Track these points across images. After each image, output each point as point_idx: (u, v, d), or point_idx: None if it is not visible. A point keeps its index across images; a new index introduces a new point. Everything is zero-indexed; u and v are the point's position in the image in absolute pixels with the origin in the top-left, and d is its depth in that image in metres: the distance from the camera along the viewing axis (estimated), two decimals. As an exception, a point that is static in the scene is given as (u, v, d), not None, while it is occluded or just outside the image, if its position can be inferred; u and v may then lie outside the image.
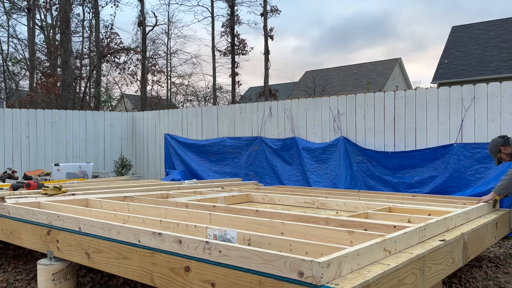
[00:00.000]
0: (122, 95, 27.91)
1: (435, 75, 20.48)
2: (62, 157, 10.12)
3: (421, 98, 7.00)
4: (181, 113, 10.37)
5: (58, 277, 3.44)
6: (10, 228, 4.02)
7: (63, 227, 3.41)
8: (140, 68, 25.44)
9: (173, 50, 31.61)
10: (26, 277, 4.14)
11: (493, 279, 3.96)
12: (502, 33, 21.31)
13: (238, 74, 26.67)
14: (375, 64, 33.42)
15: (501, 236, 4.25)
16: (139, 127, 11.19)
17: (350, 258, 2.16)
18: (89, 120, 10.67)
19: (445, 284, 3.74)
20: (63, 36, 15.04)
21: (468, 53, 21.01)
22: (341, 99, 7.83)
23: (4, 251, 5.11)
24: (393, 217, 3.63)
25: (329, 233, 2.89)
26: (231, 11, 26.04)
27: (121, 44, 24.66)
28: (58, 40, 21.99)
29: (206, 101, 31.55)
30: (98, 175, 8.73)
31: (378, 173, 7.20)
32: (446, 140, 6.73)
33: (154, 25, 27.02)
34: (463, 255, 3.21)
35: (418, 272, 2.53)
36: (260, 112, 8.91)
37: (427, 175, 6.78)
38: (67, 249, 3.37)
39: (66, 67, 14.86)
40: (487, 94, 6.43)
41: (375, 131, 7.40)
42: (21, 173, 8.57)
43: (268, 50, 24.79)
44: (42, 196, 4.83)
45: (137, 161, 11.15)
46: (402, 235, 2.65)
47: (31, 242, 3.75)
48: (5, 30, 26.25)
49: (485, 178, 6.25)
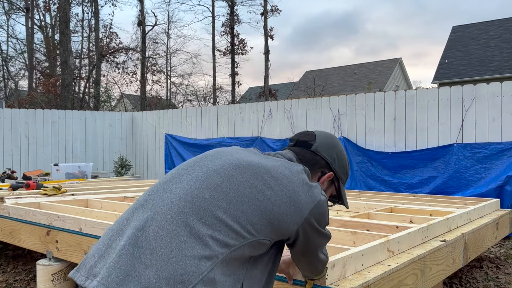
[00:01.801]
0: (122, 95, 27.89)
1: (435, 75, 20.48)
2: (62, 157, 10.10)
3: (422, 98, 6.99)
4: (181, 113, 10.35)
5: (57, 278, 3.43)
6: (9, 228, 4.00)
7: (64, 228, 3.39)
8: (139, 68, 25.43)
9: (173, 49, 31.58)
10: (25, 278, 4.12)
11: (494, 279, 3.95)
12: (502, 33, 21.32)
13: (238, 74, 26.67)
14: (376, 64, 33.43)
15: (502, 236, 4.24)
16: (139, 127, 11.17)
17: (355, 258, 2.15)
18: (88, 120, 10.65)
19: (446, 284, 3.73)
20: (62, 35, 15.02)
21: (468, 53, 21.01)
22: (341, 99, 7.82)
23: (3, 251, 5.09)
24: (395, 217, 3.61)
25: (332, 234, 2.87)
26: (231, 11, 26.04)
27: (121, 44, 24.64)
28: (57, 40, 21.97)
29: (206, 101, 31.55)
30: (98, 175, 8.71)
31: (378, 173, 7.19)
32: (447, 140, 6.72)
33: (154, 25, 27.01)
34: (463, 256, 3.20)
35: (418, 273, 2.52)
36: (260, 112, 8.89)
37: (427, 175, 6.77)
38: (66, 250, 3.36)
39: (65, 67, 14.83)
40: (488, 94, 6.42)
41: (376, 131, 7.39)
42: (21, 173, 8.55)
43: (268, 50, 24.79)
44: (42, 196, 4.81)
45: (136, 161, 11.14)
46: (405, 236, 2.64)
47: (31, 242, 3.73)
48: (4, 30, 26.25)
49: (485, 178, 6.24)
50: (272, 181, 1.28)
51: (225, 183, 1.24)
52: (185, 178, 1.27)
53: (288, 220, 1.27)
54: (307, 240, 1.37)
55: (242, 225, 1.19)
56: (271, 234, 1.25)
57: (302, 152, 1.54)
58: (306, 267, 1.58)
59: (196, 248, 1.11)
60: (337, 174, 1.59)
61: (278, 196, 1.26)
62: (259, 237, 1.22)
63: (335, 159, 1.57)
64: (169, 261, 1.09)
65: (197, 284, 1.07)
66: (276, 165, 1.35)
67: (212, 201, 1.20)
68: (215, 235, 1.15)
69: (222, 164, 1.30)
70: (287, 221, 1.27)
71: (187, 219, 1.15)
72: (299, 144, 1.58)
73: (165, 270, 1.07)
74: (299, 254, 1.47)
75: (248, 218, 1.20)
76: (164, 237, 1.12)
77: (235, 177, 1.26)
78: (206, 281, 1.09)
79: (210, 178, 1.25)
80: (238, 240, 1.17)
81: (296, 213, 1.28)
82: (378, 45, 72.70)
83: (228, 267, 1.16)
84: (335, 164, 1.57)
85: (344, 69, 34.30)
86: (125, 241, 1.14)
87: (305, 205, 1.31)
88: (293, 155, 1.52)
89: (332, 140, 1.63)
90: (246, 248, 1.19)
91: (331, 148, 1.58)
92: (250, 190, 1.24)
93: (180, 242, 1.11)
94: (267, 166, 1.32)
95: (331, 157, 1.56)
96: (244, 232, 1.19)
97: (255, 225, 1.21)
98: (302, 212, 1.30)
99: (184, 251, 1.10)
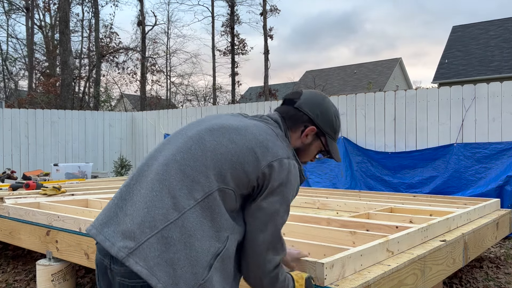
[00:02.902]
0: (122, 95, 27.89)
1: (435, 75, 20.48)
2: (61, 157, 10.10)
3: (422, 98, 6.99)
4: (181, 113, 10.35)
5: (57, 278, 3.43)
6: (9, 228, 4.00)
7: (64, 228, 3.39)
8: (139, 68, 25.42)
9: (173, 49, 31.51)
10: (25, 278, 4.12)
11: (494, 279, 3.95)
12: (502, 32, 21.31)
13: (238, 74, 26.67)
14: (376, 64, 33.41)
15: (502, 236, 4.23)
16: (139, 127, 11.17)
17: (354, 259, 2.15)
18: (88, 120, 10.65)
19: (446, 284, 3.73)
20: (62, 35, 15.02)
21: (468, 53, 21.00)
22: (342, 99, 7.82)
23: (3, 251, 5.09)
24: (394, 217, 3.61)
25: (331, 234, 2.88)
26: (231, 11, 26.03)
27: (121, 44, 24.63)
28: (57, 40, 21.97)
29: (206, 101, 31.56)
30: (97, 175, 8.71)
31: (378, 173, 7.19)
32: (447, 140, 6.71)
33: (154, 25, 27.02)
34: (463, 256, 3.20)
35: (418, 273, 2.52)
36: (260, 112, 8.89)
37: (427, 175, 6.76)
38: (66, 250, 3.36)
39: (65, 67, 14.83)
40: (488, 94, 6.41)
41: (376, 131, 7.38)
42: (20, 173, 8.55)
43: (268, 50, 24.78)
44: (41, 196, 4.81)
45: (136, 161, 11.13)
46: (405, 236, 2.64)
47: (30, 242, 3.73)
48: (4, 30, 26.25)
49: (485, 178, 6.24)
50: (237, 137, 1.45)
51: (195, 145, 1.44)
52: (168, 146, 1.50)
53: (247, 169, 1.41)
54: (262, 194, 1.43)
55: (207, 176, 1.38)
56: (232, 182, 1.40)
57: (286, 110, 1.67)
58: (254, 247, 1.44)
59: (165, 201, 1.33)
60: (322, 129, 1.66)
61: (239, 148, 1.43)
62: (221, 186, 1.38)
63: (318, 115, 1.65)
64: (143, 211, 1.33)
65: (163, 229, 1.29)
66: (249, 125, 1.52)
67: (182, 161, 1.41)
68: (183, 189, 1.35)
69: (198, 130, 1.51)
70: (246, 170, 1.41)
71: (162, 178, 1.38)
72: (285, 102, 1.71)
73: (138, 217, 1.32)
74: (251, 214, 1.45)
75: (211, 170, 1.38)
76: (143, 194, 1.37)
77: (204, 139, 1.45)
78: (174, 227, 1.30)
79: (185, 143, 1.46)
80: (203, 191, 1.36)
81: (254, 162, 1.42)
82: (377, 45, 72.85)
83: (205, 214, 1.35)
84: (318, 119, 1.65)
85: (344, 69, 34.29)
86: (115, 196, 1.44)
87: (265, 157, 1.43)
88: (278, 114, 1.65)
89: (318, 97, 1.70)
90: (212, 200, 1.36)
91: (315, 104, 1.66)
92: (215, 146, 1.43)
93: (153, 197, 1.35)
94: (238, 126, 1.50)
95: (313, 113, 1.65)
96: (207, 183, 1.37)
97: (217, 175, 1.38)
98: (259, 163, 1.42)
99: (155, 203, 1.33)
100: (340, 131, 1.81)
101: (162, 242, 1.28)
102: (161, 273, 1.26)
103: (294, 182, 1.48)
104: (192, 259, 1.29)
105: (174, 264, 1.28)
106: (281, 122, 1.62)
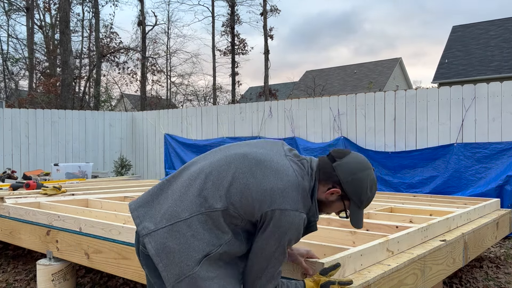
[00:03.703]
0: (122, 95, 27.89)
1: (435, 75, 20.47)
2: (62, 157, 10.10)
3: (422, 98, 6.99)
4: (181, 113, 10.35)
5: (57, 277, 3.43)
6: (9, 228, 4.00)
7: (64, 228, 3.40)
8: (139, 68, 25.43)
9: (173, 49, 31.53)
10: (25, 278, 4.12)
11: (494, 279, 3.95)
12: (503, 32, 21.30)
13: (238, 74, 26.66)
14: (376, 63, 33.40)
15: (502, 236, 4.24)
16: (139, 127, 11.17)
17: (354, 258, 2.15)
18: (88, 120, 10.65)
19: (446, 284, 3.73)
20: (62, 35, 15.02)
21: (468, 53, 20.99)
22: (342, 99, 7.82)
23: (3, 251, 5.09)
24: (394, 217, 3.61)
25: (331, 233, 2.88)
26: (231, 11, 26.02)
27: (121, 44, 24.63)
28: (57, 40, 21.97)
29: (206, 101, 31.56)
30: (98, 175, 8.71)
31: (378, 173, 7.19)
32: (447, 140, 6.72)
33: (154, 25, 27.02)
34: (463, 255, 3.20)
35: (418, 273, 2.52)
36: (260, 112, 8.89)
37: (427, 175, 6.77)
38: (66, 250, 3.36)
39: (65, 67, 14.84)
40: (488, 94, 6.42)
41: (376, 131, 7.39)
42: (21, 173, 8.56)
43: (268, 50, 24.77)
44: (42, 196, 4.81)
45: (136, 161, 11.14)
46: (405, 236, 2.64)
47: (31, 242, 3.73)
48: (5, 30, 26.25)
49: (485, 178, 6.24)
50: (261, 175, 1.65)
51: (225, 166, 1.70)
52: (209, 157, 1.79)
53: (255, 205, 1.61)
54: (264, 231, 1.62)
55: (220, 196, 1.64)
56: (241, 209, 1.62)
57: (325, 163, 1.77)
58: (252, 274, 1.68)
59: (184, 202, 1.65)
60: (347, 194, 1.75)
61: (257, 184, 1.63)
62: (229, 207, 1.62)
63: (348, 182, 1.73)
64: (168, 204, 1.67)
65: (175, 223, 1.60)
66: (279, 168, 1.67)
67: (209, 175, 1.69)
68: (200, 198, 1.64)
69: (235, 153, 1.74)
70: (254, 205, 1.61)
71: (189, 184, 1.69)
72: (329, 156, 1.81)
73: (164, 208, 1.67)
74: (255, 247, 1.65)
75: (225, 191, 1.64)
76: (173, 190, 1.71)
77: (235, 164, 1.69)
78: (183, 224, 1.60)
79: (219, 161, 1.73)
80: (212, 206, 1.62)
81: (262, 203, 1.60)
82: (376, 45, 72.84)
83: (209, 223, 1.61)
84: (347, 185, 1.73)
85: (344, 69, 34.28)
86: (157, 186, 1.78)
87: (273, 203, 1.60)
88: (316, 163, 1.78)
89: (358, 165, 1.76)
90: (217, 214, 1.62)
91: (351, 171, 1.74)
92: (239, 175, 1.66)
93: (178, 196, 1.68)
94: (270, 166, 1.68)
95: (345, 178, 1.73)
96: (219, 201, 1.63)
97: (229, 198, 1.63)
98: (265, 205, 1.60)
99: (177, 202, 1.66)
100: (340, 131, 1.88)
101: (171, 233, 1.60)
102: (163, 255, 1.58)
103: (294, 231, 1.62)
104: (187, 253, 1.58)
105: (174, 252, 1.58)
106: (315, 173, 1.74)
